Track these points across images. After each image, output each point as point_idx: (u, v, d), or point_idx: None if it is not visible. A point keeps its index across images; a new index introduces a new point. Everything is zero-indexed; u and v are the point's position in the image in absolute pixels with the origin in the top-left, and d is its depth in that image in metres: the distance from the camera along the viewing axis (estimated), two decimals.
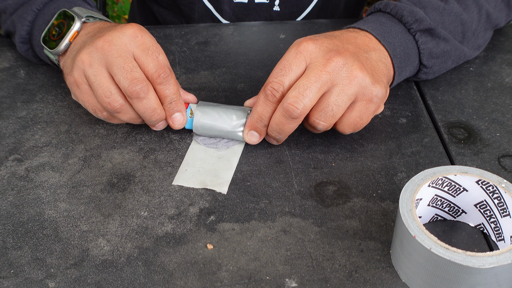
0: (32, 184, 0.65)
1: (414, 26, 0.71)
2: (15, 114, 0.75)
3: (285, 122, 0.63)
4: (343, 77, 0.62)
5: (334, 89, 0.62)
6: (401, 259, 0.55)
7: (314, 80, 0.62)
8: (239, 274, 0.56)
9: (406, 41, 0.71)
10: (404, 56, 0.71)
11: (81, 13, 0.72)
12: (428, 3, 0.73)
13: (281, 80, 0.63)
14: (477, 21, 0.76)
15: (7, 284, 0.55)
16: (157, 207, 0.63)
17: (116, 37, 0.65)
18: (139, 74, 0.64)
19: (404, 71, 0.72)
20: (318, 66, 0.62)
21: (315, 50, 0.64)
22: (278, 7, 0.97)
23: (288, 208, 0.63)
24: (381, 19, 0.72)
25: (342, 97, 0.62)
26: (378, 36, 0.70)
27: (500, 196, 0.57)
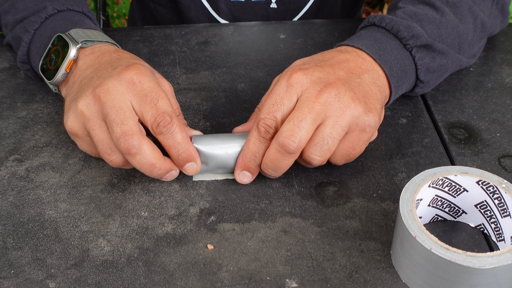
0: (33, 185, 0.65)
1: (410, 42, 0.69)
2: (15, 114, 0.75)
3: (281, 158, 0.60)
4: (335, 108, 0.60)
5: (328, 121, 0.60)
6: (401, 260, 0.55)
7: (308, 111, 0.59)
8: (240, 275, 0.56)
9: (403, 57, 0.69)
10: (401, 74, 0.69)
11: (77, 37, 0.68)
12: (424, 16, 0.71)
13: (274, 116, 0.61)
14: (473, 31, 0.75)
15: (8, 284, 0.55)
16: (158, 207, 0.63)
17: (112, 86, 0.60)
18: (129, 127, 0.58)
19: (400, 89, 0.70)
20: (310, 98, 0.60)
21: (306, 81, 0.61)
22: (275, 4, 0.97)
23: (288, 209, 0.63)
24: (376, 35, 0.70)
25: (336, 129, 0.60)
26: (373, 54, 0.67)
27: (500, 197, 0.57)
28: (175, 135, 0.60)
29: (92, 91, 0.61)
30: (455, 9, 0.74)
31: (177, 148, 0.61)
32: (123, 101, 0.60)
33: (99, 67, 0.65)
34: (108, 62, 0.66)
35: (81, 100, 0.61)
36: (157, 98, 0.60)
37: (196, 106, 0.76)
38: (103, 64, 0.65)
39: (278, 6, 0.97)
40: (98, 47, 0.69)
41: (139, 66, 0.63)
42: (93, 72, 0.65)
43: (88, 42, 0.69)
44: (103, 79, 0.62)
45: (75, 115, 0.62)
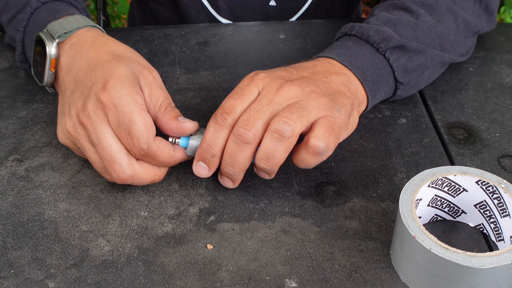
0: (32, 184, 0.65)
1: (382, 45, 0.69)
2: (15, 114, 0.75)
3: (237, 149, 0.59)
4: (300, 98, 0.59)
5: (293, 103, 0.59)
6: (401, 259, 0.55)
7: (266, 102, 0.59)
8: (239, 274, 0.56)
9: (377, 61, 0.69)
10: (376, 77, 0.68)
11: (54, 32, 0.66)
12: (398, 21, 0.71)
13: (233, 104, 0.59)
14: (455, 30, 0.75)
15: (7, 284, 0.55)
16: (157, 207, 0.63)
17: (92, 111, 0.59)
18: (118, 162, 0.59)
19: (378, 93, 0.69)
20: (270, 91, 0.60)
21: (268, 77, 0.61)
22: (274, 2, 0.97)
23: (288, 208, 0.63)
24: (347, 43, 0.70)
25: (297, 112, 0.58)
26: (343, 61, 0.66)
27: (499, 197, 0.57)
28: (156, 158, 0.60)
29: (76, 113, 0.60)
30: (431, 11, 0.73)
31: (162, 164, 0.62)
32: (105, 130, 0.59)
33: (78, 75, 0.63)
34: (85, 70, 0.63)
35: (67, 121, 0.61)
36: (130, 127, 0.58)
37: (196, 106, 0.76)
38: (82, 72, 0.63)
39: (277, 4, 0.97)
40: (75, 38, 0.66)
41: (113, 83, 0.59)
42: (74, 82, 0.63)
43: (68, 33, 0.66)
44: (83, 100, 0.60)
45: (63, 132, 0.62)
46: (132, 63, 0.63)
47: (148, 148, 0.59)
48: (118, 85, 0.59)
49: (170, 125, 0.61)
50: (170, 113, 0.62)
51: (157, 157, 0.60)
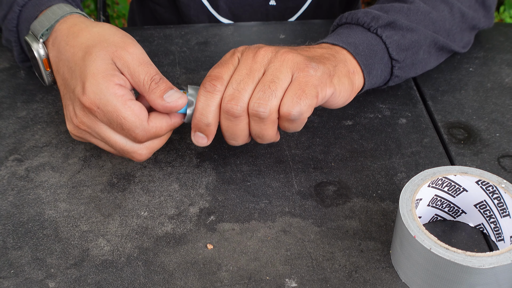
0: (32, 184, 0.65)
1: (372, 23, 0.69)
2: (15, 114, 0.75)
3: (231, 124, 0.60)
4: (274, 61, 0.59)
5: (268, 72, 0.59)
6: (401, 259, 0.55)
7: (246, 72, 0.59)
8: (239, 274, 0.56)
9: (369, 38, 0.69)
10: (369, 53, 0.68)
11: (37, 32, 0.65)
12: (390, 7, 0.72)
13: (219, 71, 0.60)
14: (451, 20, 0.75)
15: (7, 284, 0.55)
16: (157, 207, 0.63)
17: (82, 116, 0.60)
18: (125, 150, 0.61)
19: (374, 68, 0.68)
20: (248, 58, 0.60)
21: (246, 48, 0.62)
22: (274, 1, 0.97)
23: (288, 208, 0.63)
24: (339, 30, 0.70)
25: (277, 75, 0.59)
26: (335, 41, 0.67)
27: (499, 196, 0.57)
28: (158, 135, 0.61)
29: (71, 118, 0.61)
30: (425, 0, 0.74)
31: (168, 133, 0.63)
32: (103, 128, 0.60)
33: (64, 76, 0.63)
34: (68, 70, 0.62)
35: (69, 124, 0.62)
36: (120, 122, 0.58)
37: None
38: (66, 73, 0.62)
39: (277, 3, 0.97)
40: (54, 34, 0.65)
41: (89, 84, 0.58)
42: (64, 84, 0.63)
43: (48, 30, 0.65)
44: (72, 105, 0.61)
45: (71, 133, 0.63)
46: (103, 50, 0.60)
47: (146, 133, 0.59)
48: (93, 85, 0.58)
49: (157, 107, 0.60)
50: (155, 91, 0.59)
51: (158, 134, 0.60)
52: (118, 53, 0.60)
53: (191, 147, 0.70)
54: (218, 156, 0.69)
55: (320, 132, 0.72)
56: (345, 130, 0.73)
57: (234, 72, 0.60)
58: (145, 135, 0.59)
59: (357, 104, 0.76)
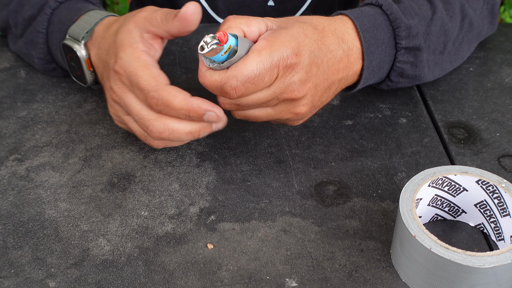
0: (33, 184, 0.65)
1: (403, 42, 0.68)
2: (16, 114, 0.75)
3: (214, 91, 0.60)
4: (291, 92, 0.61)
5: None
6: (401, 259, 0.55)
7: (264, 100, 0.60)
8: (239, 274, 0.56)
9: (387, 54, 0.69)
10: (376, 68, 0.69)
11: (77, 36, 0.69)
12: (418, 11, 0.70)
13: (248, 88, 0.58)
14: (459, 30, 0.74)
15: (8, 283, 0.56)
16: (158, 206, 0.63)
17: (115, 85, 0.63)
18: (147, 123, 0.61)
19: (369, 81, 0.70)
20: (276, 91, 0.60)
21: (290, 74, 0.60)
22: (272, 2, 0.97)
23: (288, 208, 0.63)
24: (378, 19, 0.68)
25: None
26: (365, 41, 0.66)
27: (500, 196, 0.57)
28: (170, 105, 0.59)
29: (107, 94, 0.65)
30: (448, 6, 0.73)
31: (181, 112, 0.59)
32: (129, 97, 0.62)
33: (103, 59, 0.67)
34: (105, 51, 0.67)
35: (108, 106, 0.66)
36: (138, 81, 0.60)
37: None
38: (104, 53, 0.67)
39: (276, 4, 0.97)
40: (93, 36, 0.70)
41: (119, 53, 0.62)
42: (102, 67, 0.67)
43: (88, 32, 0.69)
44: (108, 80, 0.64)
45: (113, 119, 0.67)
46: (125, 25, 0.64)
47: (159, 95, 0.58)
48: (122, 52, 0.62)
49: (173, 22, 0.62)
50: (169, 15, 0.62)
51: (170, 103, 0.58)
52: (136, 17, 0.64)
53: (191, 147, 0.70)
54: (219, 156, 0.69)
55: (320, 132, 0.72)
56: (345, 130, 0.73)
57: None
58: (155, 97, 0.58)
59: (357, 104, 0.76)
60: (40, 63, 0.77)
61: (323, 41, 0.63)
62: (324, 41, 0.63)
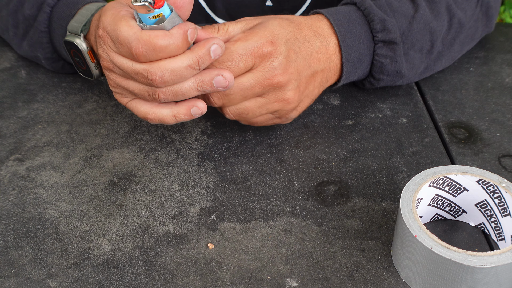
0: (33, 184, 0.65)
1: (379, 35, 0.70)
2: (16, 114, 0.75)
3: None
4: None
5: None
6: (402, 259, 0.55)
7: (243, 92, 0.62)
8: (240, 274, 0.56)
9: (365, 47, 0.70)
10: (357, 61, 0.70)
11: (76, 29, 0.69)
12: (399, 9, 0.72)
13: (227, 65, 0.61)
14: (447, 29, 0.75)
15: (8, 283, 0.56)
16: (158, 206, 0.63)
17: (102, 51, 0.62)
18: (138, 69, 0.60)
19: (352, 75, 0.71)
20: (259, 77, 0.62)
21: (269, 61, 0.62)
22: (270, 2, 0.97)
23: (289, 208, 0.63)
24: (352, 15, 0.70)
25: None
26: (340, 35, 0.68)
27: (500, 196, 0.57)
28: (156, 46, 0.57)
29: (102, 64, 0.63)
30: (432, 5, 0.74)
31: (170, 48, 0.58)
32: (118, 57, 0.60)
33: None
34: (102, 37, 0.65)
35: (107, 80, 0.64)
36: (117, 35, 0.58)
37: None
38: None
39: (274, 4, 0.97)
40: (92, 24, 0.69)
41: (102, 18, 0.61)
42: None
43: (86, 25, 0.69)
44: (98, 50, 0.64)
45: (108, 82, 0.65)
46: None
47: (141, 42, 0.57)
48: (103, 16, 0.61)
49: None
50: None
51: (155, 44, 0.57)
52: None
53: (191, 147, 0.70)
54: (219, 155, 0.69)
55: (321, 132, 0.72)
56: (346, 130, 0.73)
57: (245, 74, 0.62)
58: (138, 46, 0.57)
59: (357, 103, 0.76)
60: (48, 63, 0.77)
61: (300, 32, 0.66)
62: (300, 32, 0.66)
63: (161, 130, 0.72)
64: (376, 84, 0.75)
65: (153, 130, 0.72)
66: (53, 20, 0.74)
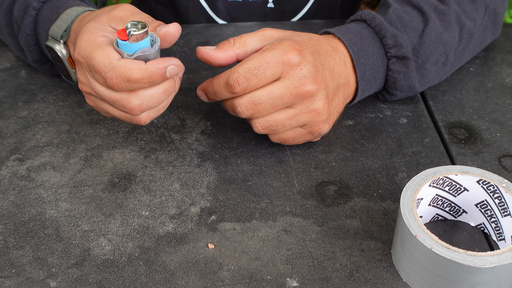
0: (34, 184, 0.65)
1: (392, 50, 0.70)
2: (16, 114, 0.75)
3: (223, 91, 0.62)
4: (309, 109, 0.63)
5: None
6: (402, 259, 0.55)
7: (272, 101, 0.61)
8: (240, 274, 0.56)
9: (379, 64, 0.70)
10: (371, 79, 0.70)
11: (56, 35, 0.67)
12: (409, 23, 0.71)
13: (249, 78, 0.60)
14: (458, 40, 0.75)
15: (9, 283, 0.56)
16: (158, 206, 0.63)
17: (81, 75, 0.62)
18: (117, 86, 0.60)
19: (367, 92, 0.71)
20: (288, 86, 0.61)
21: (297, 69, 0.61)
22: (272, 4, 0.97)
23: (289, 208, 0.63)
24: (364, 33, 0.70)
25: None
26: (354, 54, 0.68)
27: (500, 196, 0.57)
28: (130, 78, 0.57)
29: (80, 87, 0.63)
30: (442, 17, 0.73)
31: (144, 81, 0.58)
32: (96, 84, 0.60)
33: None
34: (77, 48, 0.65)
35: (86, 98, 0.65)
36: (93, 64, 0.58)
37: (196, 106, 0.76)
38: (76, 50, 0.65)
39: (275, 5, 0.97)
40: (72, 31, 0.67)
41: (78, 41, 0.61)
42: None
43: (66, 30, 0.67)
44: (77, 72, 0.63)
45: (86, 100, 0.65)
46: (98, 17, 0.62)
47: (116, 73, 0.56)
48: (79, 39, 0.60)
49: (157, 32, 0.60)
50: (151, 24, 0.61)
51: (130, 77, 0.56)
52: (112, 13, 0.62)
53: (192, 147, 0.70)
54: (219, 156, 0.69)
55: None
56: (346, 130, 0.73)
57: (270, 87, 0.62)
58: (112, 77, 0.56)
59: (358, 104, 0.76)
60: (36, 65, 0.77)
61: (320, 47, 0.66)
62: (321, 46, 0.66)
63: (161, 130, 0.72)
64: (389, 98, 0.75)
65: (153, 130, 0.72)
66: (38, 23, 0.72)
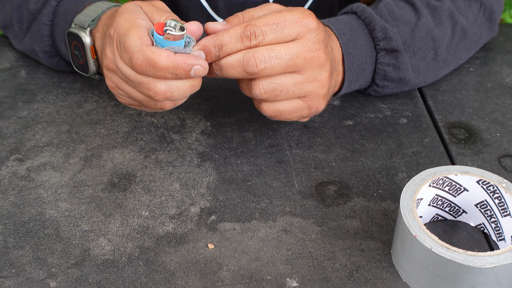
0: (33, 184, 0.65)
1: (381, 43, 0.70)
2: (16, 114, 0.75)
3: (236, 68, 0.60)
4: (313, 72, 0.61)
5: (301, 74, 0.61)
6: (402, 259, 0.55)
7: (289, 58, 0.59)
8: (240, 274, 0.56)
9: (367, 56, 0.70)
10: (359, 70, 0.70)
11: (83, 23, 0.70)
12: (401, 17, 0.72)
13: (267, 32, 0.59)
14: (450, 37, 0.75)
15: (9, 283, 0.56)
16: (158, 206, 0.63)
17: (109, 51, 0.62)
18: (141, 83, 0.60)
19: (354, 84, 0.71)
20: (305, 47, 0.60)
21: (314, 33, 0.61)
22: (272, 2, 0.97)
23: (289, 208, 0.63)
24: (354, 24, 0.71)
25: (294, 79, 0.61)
26: (343, 44, 0.68)
27: (500, 196, 0.57)
28: (156, 65, 0.57)
29: (105, 63, 0.63)
30: (434, 13, 0.74)
31: (168, 70, 0.57)
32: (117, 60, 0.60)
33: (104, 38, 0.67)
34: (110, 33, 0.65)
35: (106, 79, 0.64)
36: (125, 41, 0.58)
37: (197, 106, 0.76)
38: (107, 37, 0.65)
39: None
40: (101, 22, 0.70)
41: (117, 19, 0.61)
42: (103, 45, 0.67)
43: (94, 20, 0.70)
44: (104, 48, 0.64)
45: (113, 93, 0.65)
46: (133, 3, 0.64)
47: (143, 55, 0.56)
48: (118, 18, 0.61)
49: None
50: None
51: (156, 63, 0.56)
52: (145, 4, 0.63)
53: (192, 147, 0.70)
54: (219, 156, 0.69)
55: (321, 132, 0.72)
56: (346, 130, 0.73)
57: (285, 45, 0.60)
58: (140, 57, 0.56)
59: (357, 104, 0.76)
60: (45, 57, 0.77)
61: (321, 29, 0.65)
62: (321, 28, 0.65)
63: (161, 130, 0.72)
64: (381, 92, 0.75)
65: (153, 130, 0.72)
66: (57, 14, 0.74)
